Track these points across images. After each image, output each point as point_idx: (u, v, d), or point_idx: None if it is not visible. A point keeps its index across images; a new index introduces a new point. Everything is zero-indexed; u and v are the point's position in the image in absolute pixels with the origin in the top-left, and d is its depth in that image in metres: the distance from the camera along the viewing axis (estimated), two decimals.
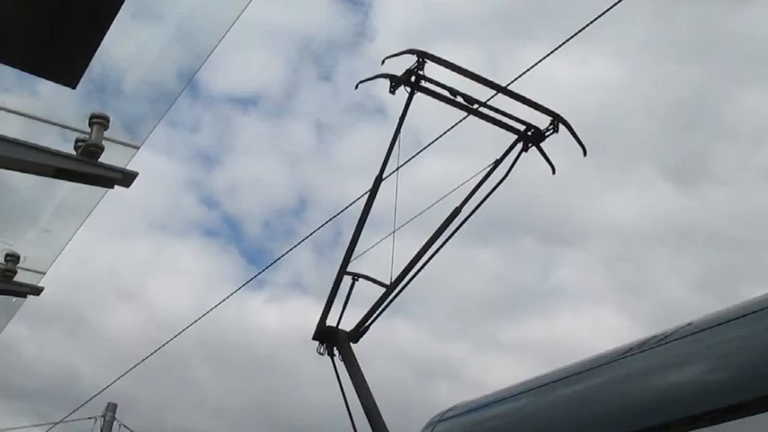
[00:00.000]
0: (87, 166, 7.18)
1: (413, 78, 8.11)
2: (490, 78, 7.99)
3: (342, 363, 8.05)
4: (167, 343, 14.58)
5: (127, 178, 7.32)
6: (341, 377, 7.79)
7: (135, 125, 7.74)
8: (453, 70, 8.23)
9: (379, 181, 8.17)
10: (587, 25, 6.33)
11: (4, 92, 7.53)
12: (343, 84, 45.43)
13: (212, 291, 46.22)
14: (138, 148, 7.42)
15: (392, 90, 8.23)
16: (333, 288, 8.27)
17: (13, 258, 9.48)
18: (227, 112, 48.87)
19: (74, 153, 7.25)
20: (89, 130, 7.18)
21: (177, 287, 48.66)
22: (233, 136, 50.35)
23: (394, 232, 8.10)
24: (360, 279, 8.32)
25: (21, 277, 9.63)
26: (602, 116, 37.58)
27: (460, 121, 8.22)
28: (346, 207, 8.68)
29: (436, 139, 8.25)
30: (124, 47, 6.85)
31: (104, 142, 7.20)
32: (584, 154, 8.14)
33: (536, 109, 8.25)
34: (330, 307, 8.28)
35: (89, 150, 7.14)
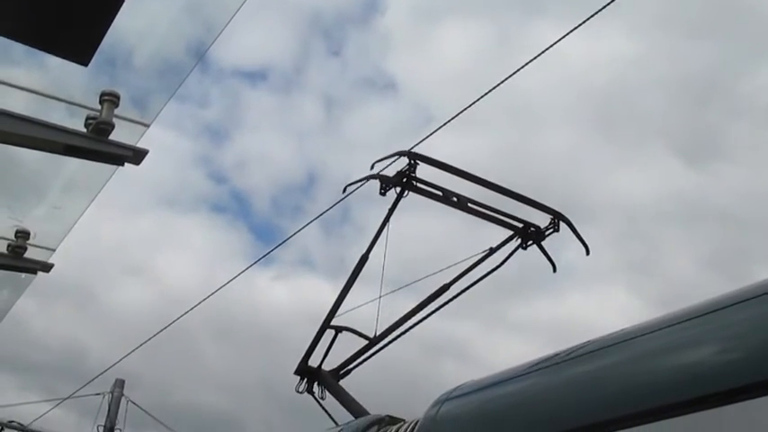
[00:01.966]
0: (97, 144, 7.18)
1: (404, 179, 7.99)
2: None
3: (328, 395, 8.24)
4: (178, 319, 14.66)
5: (137, 156, 7.32)
6: (331, 407, 7.99)
7: (145, 102, 7.73)
8: (447, 171, 8.16)
9: (364, 260, 8.17)
10: (604, 7, 6.27)
11: (14, 67, 7.53)
12: (353, 58, 45.32)
13: (220, 267, 46.29)
14: (148, 125, 7.41)
15: (383, 192, 8.09)
16: (315, 338, 8.42)
17: (23, 235, 9.50)
18: (236, 87, 48.76)
19: (84, 130, 7.25)
20: (99, 107, 7.18)
21: (185, 263, 48.76)
22: (241, 111, 50.28)
23: (380, 297, 8.13)
24: (343, 332, 8.43)
25: (31, 254, 9.65)
26: (614, 93, 37.44)
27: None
28: (354, 189, 8.67)
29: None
30: (134, 21, 6.83)
31: (115, 119, 7.19)
32: (587, 253, 8.05)
33: (535, 207, 8.18)
34: (312, 353, 8.45)
35: (99, 128, 7.14)
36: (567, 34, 6.81)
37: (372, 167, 8.03)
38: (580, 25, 6.56)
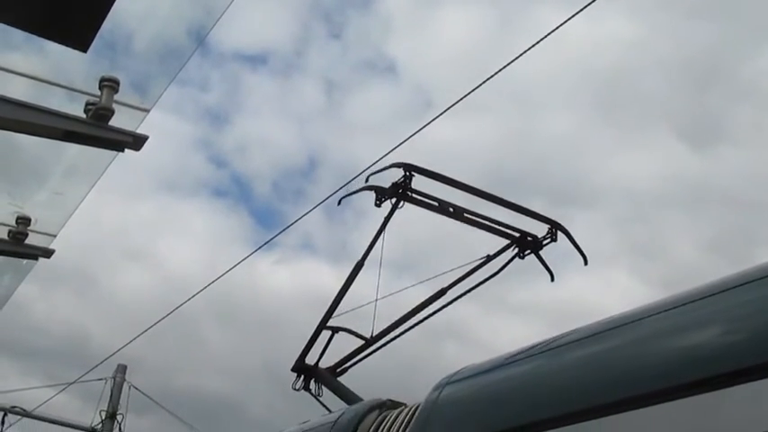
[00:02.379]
0: (97, 130, 7.18)
1: (399, 191, 7.98)
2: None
3: (326, 391, 8.30)
4: (180, 306, 14.67)
5: (137, 142, 7.32)
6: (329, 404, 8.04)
7: (145, 87, 7.72)
8: (443, 182, 8.13)
9: (359, 266, 8.19)
10: None
11: (13, 53, 7.51)
12: (354, 42, 45.15)
13: (222, 251, 46.34)
14: (148, 110, 7.40)
15: (378, 203, 8.05)
16: (311, 337, 8.45)
17: (24, 221, 9.50)
18: (236, 71, 48.62)
19: (84, 116, 7.24)
20: (99, 92, 7.17)
21: (187, 248, 48.77)
22: (242, 94, 50.17)
23: (376, 301, 8.12)
24: (340, 332, 8.45)
25: (32, 240, 9.66)
26: (616, 75, 37.32)
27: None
28: (359, 174, 8.66)
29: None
30: (134, 5, 6.81)
31: (114, 105, 7.18)
32: (585, 263, 8.03)
33: (532, 217, 8.15)
34: (308, 351, 8.49)
35: (99, 114, 7.14)
36: (571, 18, 6.77)
37: (367, 180, 8.04)
38: (584, 9, 6.52)
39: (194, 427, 23.95)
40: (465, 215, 8.20)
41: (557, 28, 7.04)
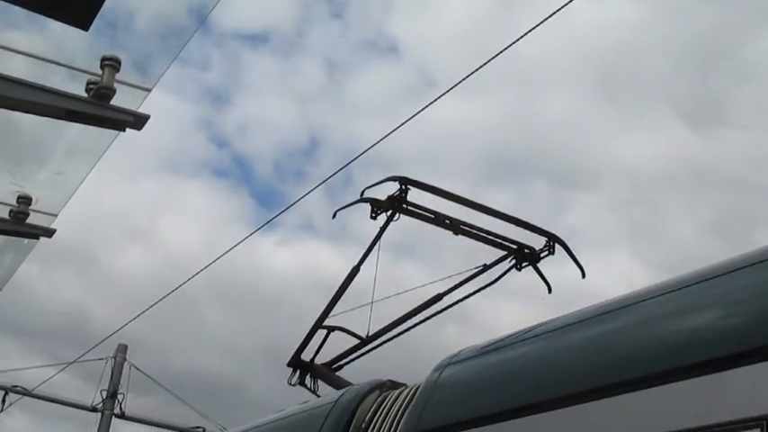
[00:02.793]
0: (99, 109, 7.16)
1: (395, 203, 7.98)
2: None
3: (322, 385, 8.39)
4: (181, 285, 14.66)
5: (138, 121, 7.31)
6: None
7: (146, 66, 7.70)
8: (439, 195, 8.12)
9: (355, 272, 8.21)
10: None
11: (14, 31, 7.49)
12: (355, 21, 44.97)
13: (223, 232, 46.36)
14: (149, 90, 7.39)
15: (373, 216, 8.03)
16: (307, 336, 8.50)
17: (25, 200, 9.49)
18: (238, 50, 48.48)
19: (85, 95, 7.23)
20: (100, 72, 7.15)
21: (188, 228, 48.79)
22: (243, 74, 50.02)
23: (372, 303, 8.13)
24: (335, 331, 8.50)
25: (33, 219, 9.66)
26: (618, 56, 37.20)
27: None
28: (359, 156, 8.65)
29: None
30: None
31: (116, 84, 7.17)
32: (583, 276, 8.01)
33: (529, 230, 8.12)
34: (303, 349, 8.54)
35: (100, 93, 7.12)
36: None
37: (363, 194, 8.04)
38: None
39: (195, 407, 24.05)
40: (462, 227, 8.20)
41: (560, 8, 7.01)
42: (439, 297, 8.32)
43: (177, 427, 24.42)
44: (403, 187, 7.94)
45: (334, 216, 8.42)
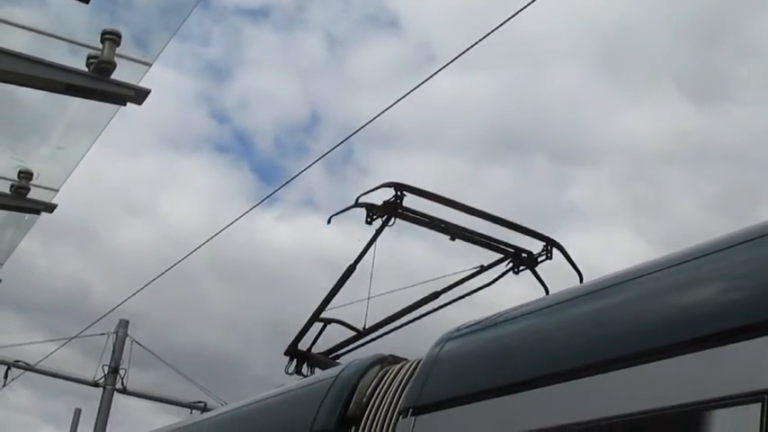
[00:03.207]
0: (99, 83, 7.14)
1: (391, 209, 7.99)
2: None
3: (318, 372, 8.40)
4: (182, 260, 14.69)
5: (139, 95, 7.28)
6: None
7: (147, 40, 7.67)
8: (435, 201, 8.12)
9: (351, 270, 8.22)
10: None
11: (14, 5, 7.46)
12: None
13: (223, 207, 46.42)
14: (150, 64, 7.36)
15: (369, 221, 8.05)
16: (304, 327, 8.56)
17: (26, 175, 9.48)
18: (238, 25, 48.33)
19: (85, 69, 7.20)
20: (101, 46, 7.12)
21: (188, 203, 48.85)
22: (243, 49, 49.95)
23: (368, 299, 8.19)
24: (332, 323, 8.55)
25: (34, 194, 9.65)
26: (621, 30, 37.05)
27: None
28: (359, 128, 8.63)
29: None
30: None
31: (116, 59, 7.14)
32: (581, 280, 8.00)
33: (527, 234, 8.08)
34: (300, 339, 8.59)
35: (101, 67, 7.10)
36: None
37: (357, 200, 8.07)
38: None
39: (196, 382, 24.15)
40: (458, 232, 8.19)
41: None
42: (436, 295, 8.34)
43: (179, 402, 24.54)
44: (398, 193, 7.97)
45: (329, 221, 8.50)
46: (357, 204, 7.94)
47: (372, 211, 8.02)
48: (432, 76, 8.36)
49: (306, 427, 6.54)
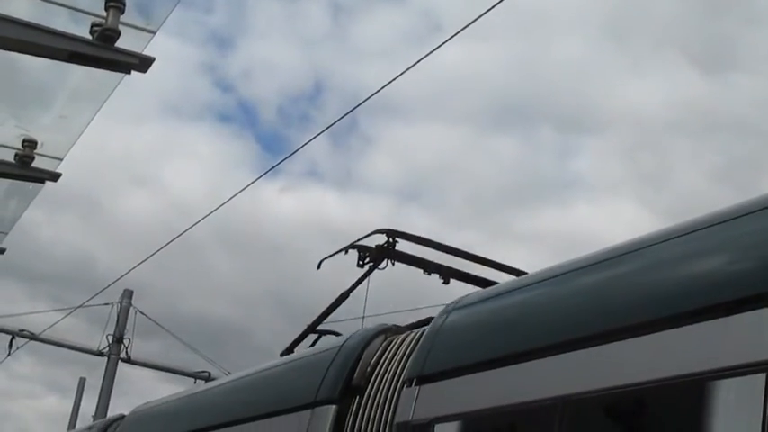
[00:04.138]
0: (104, 51, 7.10)
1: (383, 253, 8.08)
2: None
3: None
4: (186, 231, 14.70)
5: (143, 63, 7.25)
6: None
7: (151, 8, 7.61)
8: (428, 246, 8.20)
9: (344, 296, 8.32)
10: None
11: None
12: None
13: (227, 177, 46.41)
14: (154, 32, 7.31)
15: (360, 264, 8.16)
16: (298, 337, 8.69)
17: (30, 144, 9.45)
18: None
19: (89, 37, 7.16)
20: (105, 13, 7.07)
21: (192, 173, 48.84)
22: (247, 18, 49.67)
23: (363, 318, 8.22)
24: (327, 335, 8.57)
25: (38, 163, 9.63)
26: (627, 0, 36.78)
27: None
28: (364, 101, 8.59)
29: None
30: None
31: (120, 26, 7.10)
32: None
33: (514, 275, 8.03)
34: (295, 347, 8.68)
35: (105, 35, 7.05)
36: None
37: (347, 252, 8.19)
38: None
39: (200, 352, 24.25)
40: (452, 275, 8.20)
41: None
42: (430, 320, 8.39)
43: (183, 372, 24.66)
44: (390, 240, 8.01)
45: (318, 266, 8.56)
46: (350, 247, 7.97)
47: (365, 254, 8.15)
48: (439, 47, 8.30)
49: (310, 397, 6.57)
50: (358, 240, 8.12)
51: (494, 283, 8.01)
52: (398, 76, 8.45)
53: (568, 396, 4.29)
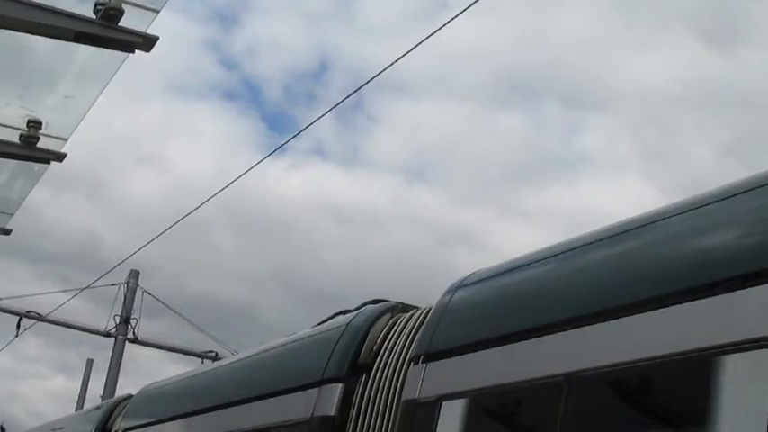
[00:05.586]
0: (107, 30, 7.09)
1: None
2: None
3: None
4: (192, 212, 14.68)
5: (147, 42, 7.23)
6: None
7: None
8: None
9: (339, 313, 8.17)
10: None
11: None
12: None
13: (233, 156, 46.37)
14: (158, 11, 7.29)
15: None
16: None
17: (35, 124, 9.44)
18: None
19: (93, 16, 7.15)
20: None
21: (198, 152, 48.82)
22: None
23: None
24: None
25: (44, 143, 9.63)
26: None
27: None
28: (371, 79, 8.57)
29: None
30: None
31: (124, 5, 7.08)
32: None
33: None
34: None
35: (109, 14, 7.04)
36: None
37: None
38: None
39: (207, 332, 24.32)
40: None
41: None
42: None
43: (190, 352, 24.74)
44: None
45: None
46: (339, 313, 7.91)
47: None
48: (447, 24, 8.22)
49: (317, 375, 6.58)
50: (348, 310, 8.01)
51: None
52: (404, 56, 8.41)
53: (574, 373, 4.29)
